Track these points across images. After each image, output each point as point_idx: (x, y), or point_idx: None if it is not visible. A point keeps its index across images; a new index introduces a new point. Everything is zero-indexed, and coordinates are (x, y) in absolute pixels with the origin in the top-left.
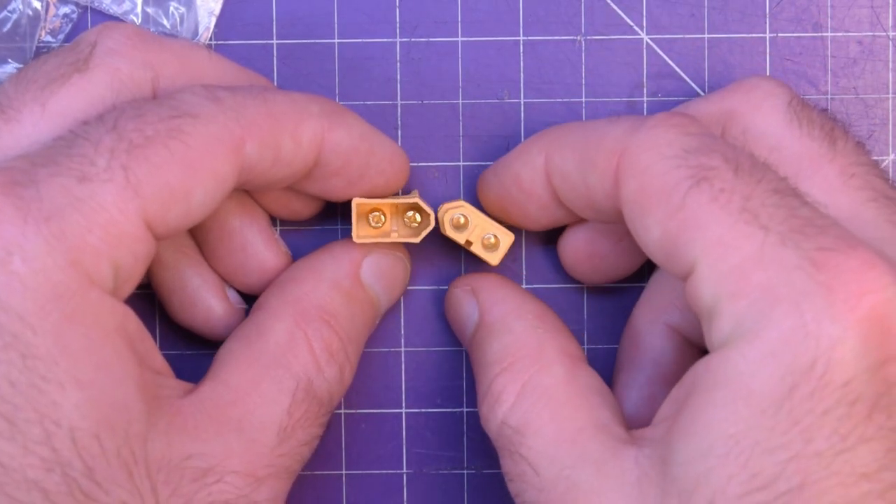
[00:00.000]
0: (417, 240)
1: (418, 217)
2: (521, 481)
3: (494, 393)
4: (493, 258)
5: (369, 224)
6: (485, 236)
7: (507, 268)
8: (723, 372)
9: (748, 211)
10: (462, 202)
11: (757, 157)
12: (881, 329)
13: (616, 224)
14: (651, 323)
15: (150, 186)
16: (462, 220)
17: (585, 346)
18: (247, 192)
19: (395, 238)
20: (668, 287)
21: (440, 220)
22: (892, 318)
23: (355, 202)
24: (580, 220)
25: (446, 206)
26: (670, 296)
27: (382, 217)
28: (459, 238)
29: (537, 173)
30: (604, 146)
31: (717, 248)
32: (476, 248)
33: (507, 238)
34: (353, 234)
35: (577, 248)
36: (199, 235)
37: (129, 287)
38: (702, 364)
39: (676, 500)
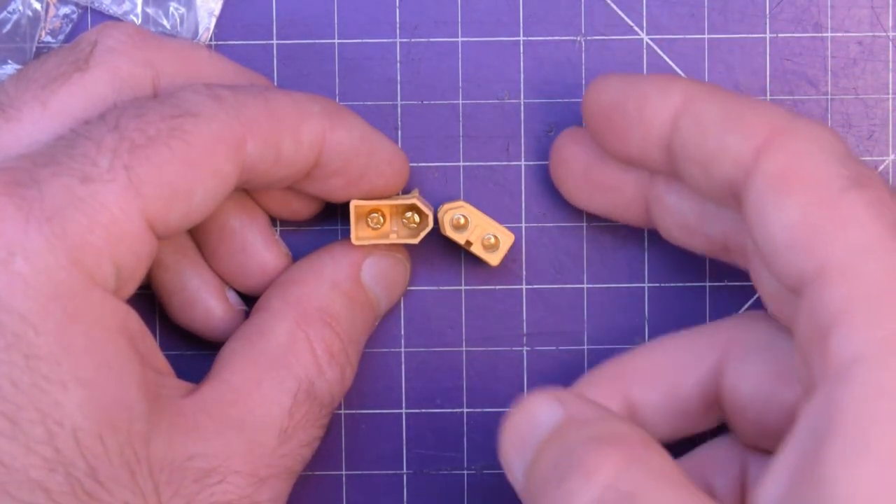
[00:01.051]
0: (416, 241)
1: (417, 218)
2: None
3: (589, 466)
4: (494, 258)
5: (368, 225)
6: (485, 236)
7: (506, 268)
8: (883, 383)
9: None
10: (462, 202)
11: None
12: None
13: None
14: (606, 388)
15: (152, 186)
16: (462, 221)
17: (585, 346)
18: (247, 192)
19: (394, 239)
20: (638, 359)
21: (440, 220)
22: None
23: (353, 204)
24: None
25: (446, 206)
26: (638, 367)
27: (381, 218)
28: (459, 238)
29: (666, 106)
30: (761, 112)
31: (864, 256)
32: (476, 249)
33: (507, 238)
34: (352, 235)
35: (572, 157)
36: (198, 236)
37: (131, 287)
38: (824, 396)
39: None
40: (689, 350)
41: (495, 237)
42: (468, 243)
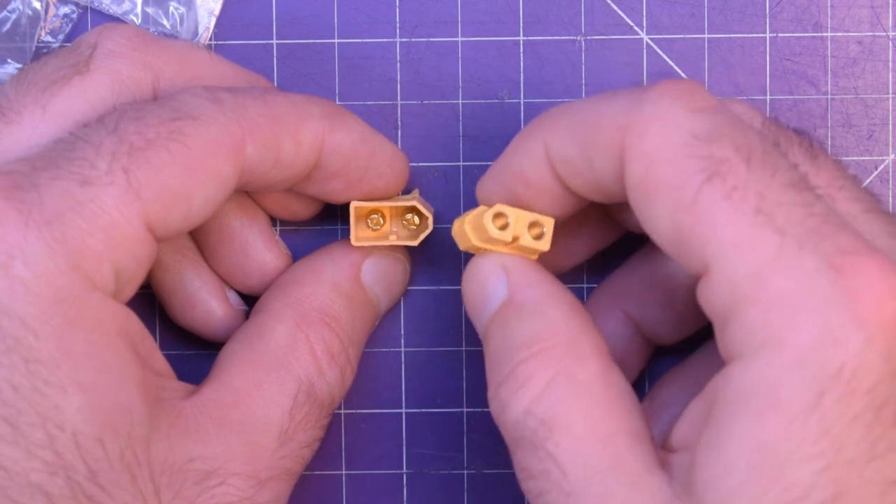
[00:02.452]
0: (416, 242)
1: (416, 219)
2: (545, 480)
3: (519, 377)
4: (544, 244)
5: (368, 226)
6: (531, 223)
7: None
8: (748, 383)
9: (763, 212)
10: (482, 207)
11: (766, 138)
12: None
13: (576, 212)
14: (608, 308)
15: (151, 189)
16: (504, 222)
17: None
18: (247, 193)
19: (393, 240)
20: (637, 277)
21: (464, 231)
22: None
23: (353, 205)
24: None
25: (472, 214)
26: (637, 286)
27: (381, 219)
28: (504, 237)
29: (541, 164)
30: (605, 125)
31: (733, 252)
32: (525, 241)
33: (549, 221)
34: (352, 236)
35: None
36: (199, 237)
37: (131, 290)
38: (721, 377)
39: None
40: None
41: (539, 224)
42: (515, 239)
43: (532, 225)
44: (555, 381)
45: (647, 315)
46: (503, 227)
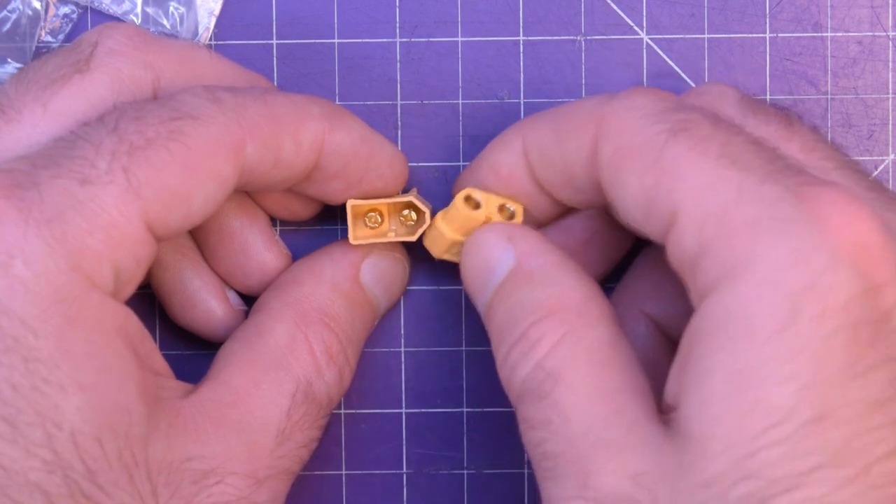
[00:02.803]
0: (414, 237)
1: (414, 215)
2: (546, 430)
3: (530, 339)
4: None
5: (366, 225)
6: (500, 205)
7: None
8: (719, 313)
9: (726, 156)
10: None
11: (728, 120)
12: (870, 256)
13: (582, 222)
14: (625, 307)
15: (151, 188)
16: (478, 197)
17: None
18: (247, 193)
19: (392, 237)
20: (647, 275)
21: (437, 230)
22: (878, 247)
23: (350, 203)
24: (558, 214)
25: (440, 211)
26: (648, 284)
27: (379, 217)
28: (478, 216)
29: (515, 156)
30: (580, 115)
31: (697, 194)
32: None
33: (520, 207)
34: (350, 235)
35: None
36: (199, 237)
37: (130, 289)
38: (694, 319)
39: (693, 451)
40: None
41: (509, 209)
42: (488, 218)
43: (501, 208)
44: (564, 340)
45: (664, 311)
46: (475, 209)
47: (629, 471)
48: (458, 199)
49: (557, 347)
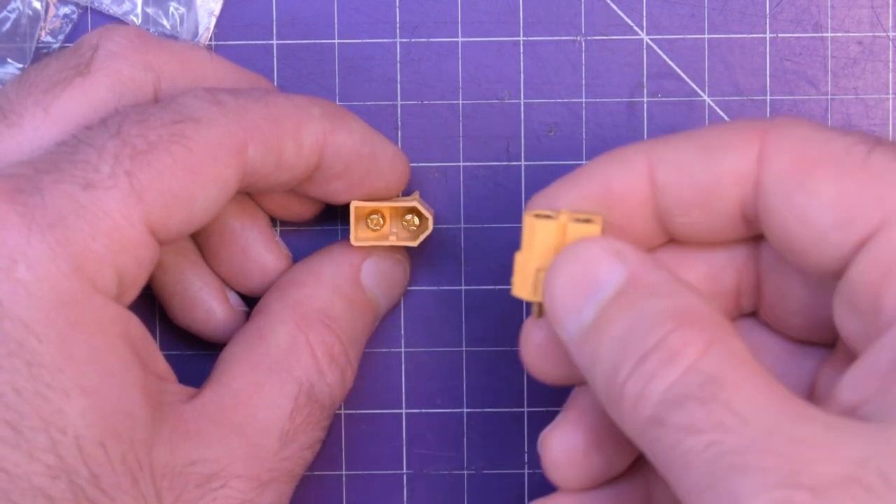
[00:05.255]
0: (415, 243)
1: (416, 220)
2: (718, 431)
3: (672, 345)
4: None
5: (368, 227)
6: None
7: (506, 267)
8: None
9: None
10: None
11: None
12: None
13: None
14: None
15: (154, 192)
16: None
17: None
18: (247, 194)
19: (393, 241)
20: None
21: (526, 266)
22: None
23: (354, 205)
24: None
25: (523, 249)
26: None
27: (381, 220)
28: (554, 226)
29: (636, 175)
30: (736, 130)
31: None
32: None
33: (597, 216)
34: (352, 236)
35: (538, 343)
36: (199, 238)
37: (133, 293)
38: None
39: None
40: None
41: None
42: (563, 231)
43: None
44: (713, 348)
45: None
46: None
47: (852, 457)
48: (527, 217)
49: (708, 353)
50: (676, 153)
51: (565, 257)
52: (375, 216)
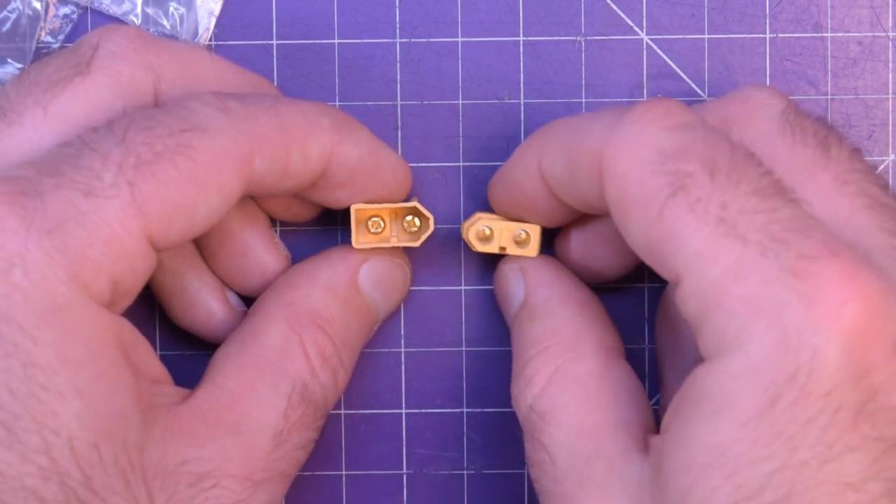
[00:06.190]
0: (417, 244)
1: (417, 221)
2: (540, 469)
3: (527, 376)
4: (531, 251)
5: (368, 230)
6: (515, 234)
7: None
8: (708, 385)
9: (725, 221)
10: (478, 214)
11: (738, 149)
12: (864, 339)
13: (607, 225)
14: None
15: (155, 203)
16: (488, 232)
17: None
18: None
19: (394, 243)
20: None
21: (466, 240)
22: (875, 328)
23: (354, 208)
24: (579, 220)
25: (465, 224)
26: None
27: (381, 222)
28: (492, 248)
29: (535, 179)
30: (586, 147)
31: (697, 262)
32: (512, 250)
33: (535, 229)
34: (353, 240)
35: (569, 252)
36: (199, 238)
37: (127, 301)
38: (691, 377)
39: None
40: None
41: (525, 232)
42: (502, 249)
43: (517, 236)
44: (554, 377)
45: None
46: (489, 238)
47: (622, 498)
48: (472, 236)
49: (548, 386)
50: (552, 165)
51: (496, 274)
52: (376, 219)
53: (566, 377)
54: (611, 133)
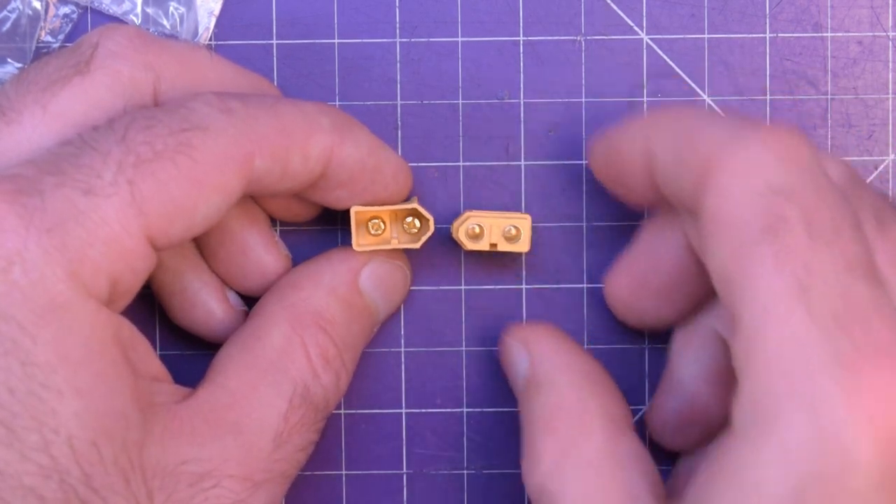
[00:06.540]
0: (417, 245)
1: (417, 223)
2: None
3: (535, 453)
4: (523, 246)
5: (369, 231)
6: (505, 230)
7: (506, 268)
8: (735, 462)
9: (800, 283)
10: (467, 213)
11: (841, 209)
12: None
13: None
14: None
15: (155, 203)
16: (477, 230)
17: (585, 346)
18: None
19: (395, 244)
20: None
21: (456, 238)
22: None
23: (354, 210)
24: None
25: (455, 224)
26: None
27: (382, 224)
28: (482, 245)
29: (638, 154)
30: (700, 149)
31: (757, 318)
32: (503, 247)
33: (525, 224)
34: (354, 242)
35: (620, 289)
36: (199, 238)
37: (125, 300)
38: (717, 446)
39: None
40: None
41: (515, 228)
42: (493, 245)
43: (506, 232)
44: (563, 458)
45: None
46: (479, 236)
47: None
48: (462, 234)
49: (556, 467)
50: (662, 151)
51: (500, 347)
52: (376, 221)
53: (574, 457)
54: (727, 144)
